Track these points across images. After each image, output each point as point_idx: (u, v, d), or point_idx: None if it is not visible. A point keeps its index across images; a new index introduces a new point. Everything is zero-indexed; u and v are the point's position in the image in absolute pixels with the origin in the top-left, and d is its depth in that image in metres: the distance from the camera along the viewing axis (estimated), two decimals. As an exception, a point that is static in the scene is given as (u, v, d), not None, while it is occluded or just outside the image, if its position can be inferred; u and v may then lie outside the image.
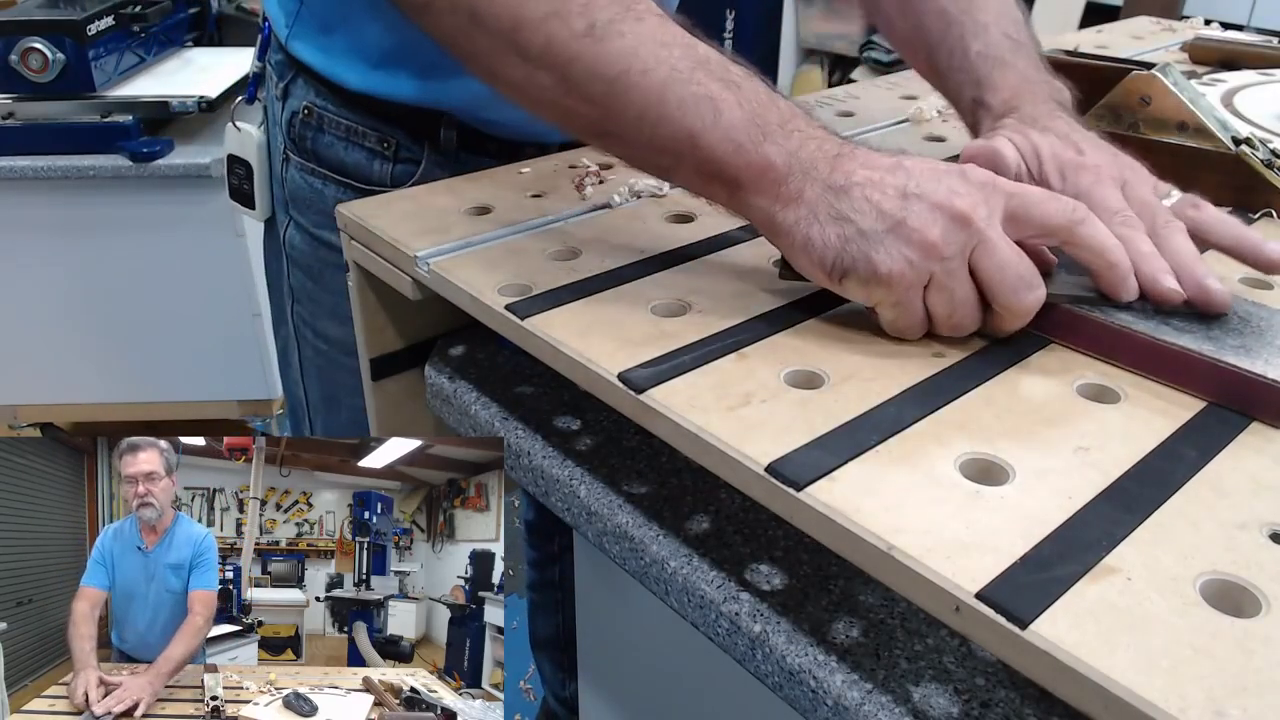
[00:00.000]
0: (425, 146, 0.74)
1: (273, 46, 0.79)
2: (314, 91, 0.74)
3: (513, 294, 0.52)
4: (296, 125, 0.76)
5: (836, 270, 0.45)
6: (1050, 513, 0.35)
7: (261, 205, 0.84)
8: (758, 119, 0.46)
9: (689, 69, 0.46)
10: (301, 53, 0.73)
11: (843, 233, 0.45)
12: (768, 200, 0.47)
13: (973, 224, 0.43)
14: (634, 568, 0.49)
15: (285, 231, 0.81)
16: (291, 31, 0.74)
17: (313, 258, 0.79)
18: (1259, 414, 0.41)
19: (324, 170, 0.76)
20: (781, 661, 0.42)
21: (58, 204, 1.49)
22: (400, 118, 0.73)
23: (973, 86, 0.60)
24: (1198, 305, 0.46)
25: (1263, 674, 0.29)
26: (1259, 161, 0.62)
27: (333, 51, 0.72)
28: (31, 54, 1.36)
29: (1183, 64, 0.99)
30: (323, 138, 0.75)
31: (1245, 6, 2.31)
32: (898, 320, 0.45)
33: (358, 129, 0.74)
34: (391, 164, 0.74)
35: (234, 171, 0.85)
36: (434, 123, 0.73)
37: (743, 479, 0.39)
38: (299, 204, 0.78)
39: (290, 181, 0.78)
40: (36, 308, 1.59)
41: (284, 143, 0.78)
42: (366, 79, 0.71)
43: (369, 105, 0.72)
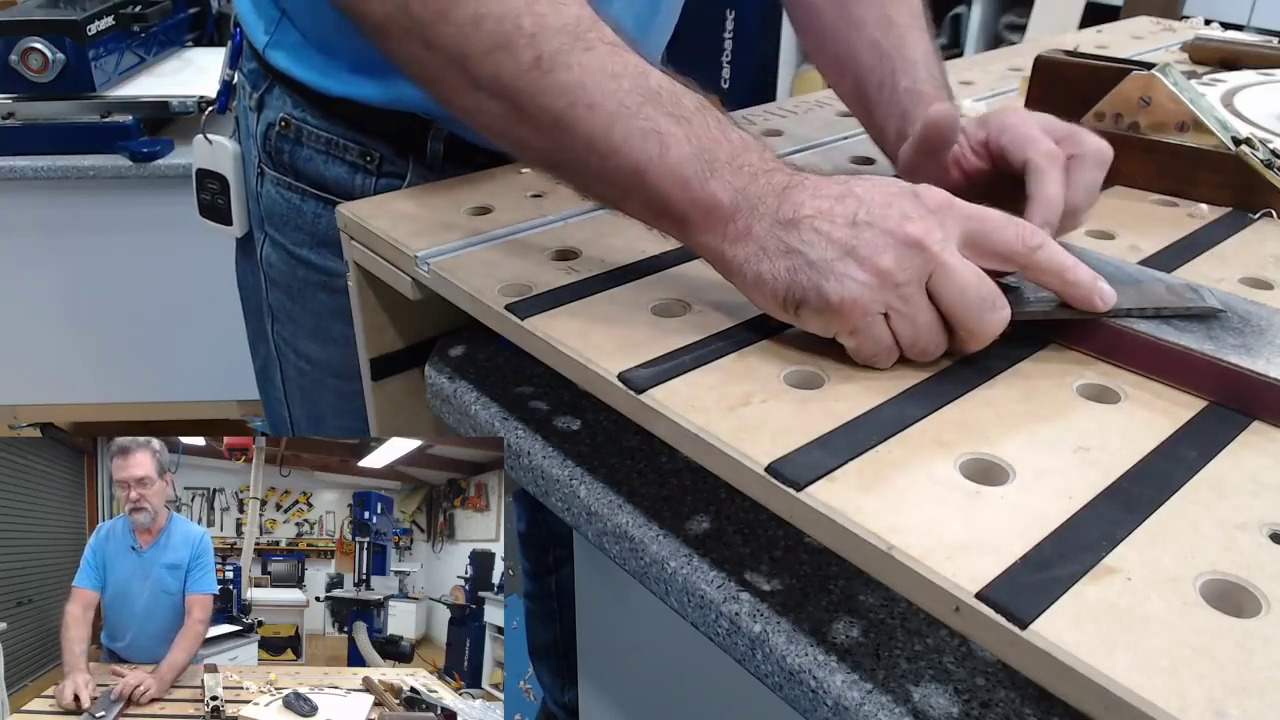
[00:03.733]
0: (410, 160, 0.72)
1: (245, 55, 0.76)
2: (291, 102, 0.72)
3: (513, 294, 0.52)
4: (273, 138, 0.73)
5: (790, 303, 0.44)
6: (1050, 513, 0.35)
7: (239, 221, 0.80)
8: (706, 154, 0.45)
9: (637, 103, 0.46)
10: (279, 61, 0.70)
11: (792, 265, 0.44)
12: (716, 238, 0.46)
13: (926, 249, 0.42)
14: (634, 568, 0.49)
15: (262, 249, 0.78)
16: (271, 40, 0.71)
17: (291, 277, 0.76)
18: (1260, 413, 0.41)
19: (302, 185, 0.73)
20: (781, 661, 0.42)
21: (58, 204, 1.49)
22: (385, 130, 0.71)
23: (898, 120, 0.61)
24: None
25: (1263, 674, 0.29)
26: (1259, 161, 0.62)
27: (314, 59, 0.69)
28: (31, 54, 1.36)
29: (1183, 64, 0.99)
30: (301, 151, 0.72)
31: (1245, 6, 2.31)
32: (860, 348, 0.44)
33: (339, 142, 0.71)
34: (375, 178, 0.72)
35: (205, 187, 0.81)
36: (420, 134, 0.71)
37: (743, 479, 0.39)
38: (275, 221, 0.75)
39: (266, 197, 0.75)
40: (36, 308, 1.59)
41: (259, 157, 0.75)
42: (348, 84, 0.68)
43: (351, 114, 0.70)
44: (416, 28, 0.48)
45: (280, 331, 0.80)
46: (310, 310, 0.76)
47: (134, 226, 1.52)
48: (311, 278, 0.75)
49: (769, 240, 0.45)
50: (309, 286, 0.76)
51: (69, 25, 1.36)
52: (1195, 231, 0.61)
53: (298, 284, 0.76)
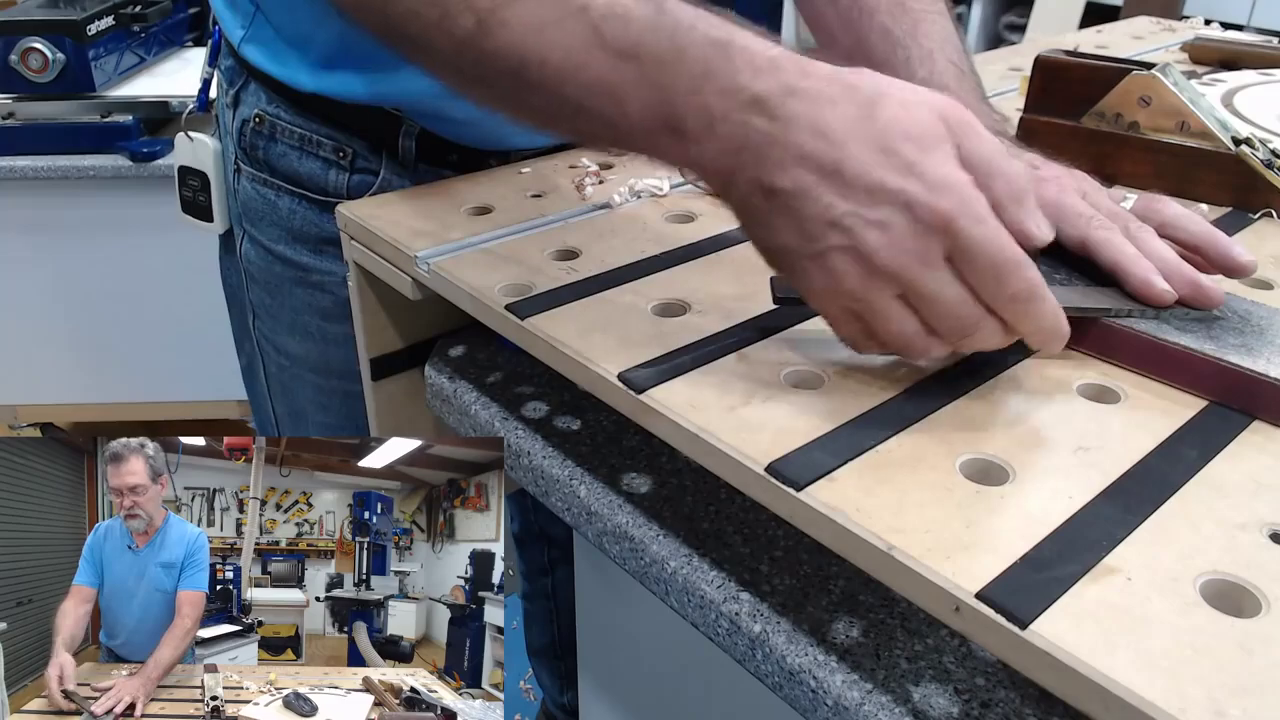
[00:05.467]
0: (383, 156, 0.71)
1: (223, 52, 0.76)
2: (265, 98, 0.72)
3: (513, 294, 0.52)
4: (248, 134, 0.73)
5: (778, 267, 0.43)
6: (1050, 513, 0.35)
7: (220, 218, 0.81)
8: (665, 97, 0.41)
9: (583, 48, 0.41)
10: (254, 57, 0.70)
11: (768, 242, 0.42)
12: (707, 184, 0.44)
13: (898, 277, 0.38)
14: (634, 568, 0.49)
15: (241, 246, 0.78)
16: (246, 35, 0.71)
17: (269, 273, 0.76)
18: (1261, 413, 0.41)
19: (277, 181, 0.73)
20: (781, 661, 0.42)
21: (58, 204, 1.49)
22: (357, 126, 0.70)
23: None
24: (1192, 303, 0.45)
25: (1263, 674, 0.29)
26: (1259, 161, 0.62)
27: (285, 54, 0.69)
28: (31, 54, 1.36)
29: (1183, 64, 0.99)
30: (275, 147, 0.72)
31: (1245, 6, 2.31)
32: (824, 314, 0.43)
33: (312, 138, 0.71)
34: (348, 174, 0.71)
35: (186, 184, 0.81)
36: (392, 131, 0.70)
37: (743, 479, 0.39)
38: (252, 217, 0.75)
39: (243, 193, 0.75)
40: (36, 308, 1.59)
41: (235, 153, 0.75)
42: (318, 80, 0.68)
43: (324, 110, 0.70)
44: (378, 6, 0.47)
45: (261, 327, 0.81)
46: (287, 305, 0.76)
47: (134, 226, 1.52)
48: (287, 274, 0.75)
49: (747, 205, 0.41)
50: (285, 282, 0.75)
51: (69, 25, 1.36)
52: (1195, 231, 0.61)
53: (275, 280, 0.76)
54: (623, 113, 0.42)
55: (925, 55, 0.60)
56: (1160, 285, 0.44)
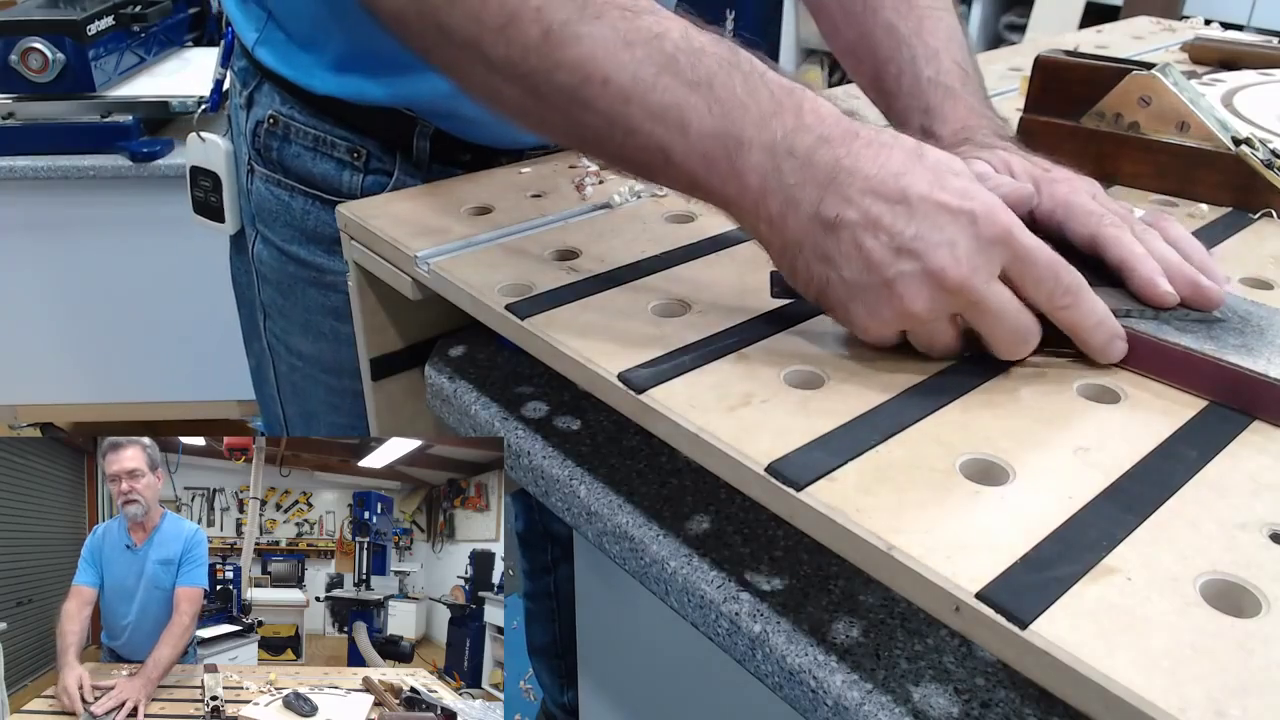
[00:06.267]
0: (397, 157, 0.72)
1: (236, 53, 0.76)
2: (279, 99, 0.72)
3: (513, 294, 0.52)
4: (262, 135, 0.73)
5: (815, 300, 0.45)
6: (1050, 513, 0.35)
7: (232, 218, 0.81)
8: (732, 126, 0.42)
9: (653, 74, 0.43)
10: (267, 59, 0.71)
11: (826, 276, 0.43)
12: (749, 218, 0.45)
13: (965, 292, 0.41)
14: (634, 568, 0.49)
15: (253, 246, 0.78)
16: (260, 38, 0.71)
17: (281, 273, 0.76)
18: (1261, 413, 0.41)
19: (290, 181, 0.73)
20: (781, 661, 0.42)
21: (58, 204, 1.49)
22: (371, 126, 0.71)
23: (921, 114, 0.58)
24: (1192, 303, 0.45)
25: (1263, 674, 0.29)
26: (1259, 161, 0.62)
27: (300, 57, 0.69)
28: (31, 54, 1.36)
29: (1183, 64, 0.99)
30: (289, 148, 0.72)
31: (1245, 6, 2.31)
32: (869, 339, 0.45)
33: (326, 138, 0.71)
34: (362, 175, 0.72)
35: (198, 184, 0.81)
36: (407, 131, 0.71)
37: (743, 479, 0.39)
38: (265, 217, 0.76)
39: (256, 194, 0.76)
40: (36, 308, 1.59)
41: (249, 154, 0.75)
42: (332, 83, 0.69)
43: (337, 111, 0.70)
44: (430, 12, 0.47)
45: (272, 328, 0.81)
46: (300, 306, 0.77)
47: (134, 226, 1.52)
48: (301, 274, 0.75)
49: (806, 239, 0.43)
50: (299, 283, 0.76)
51: (69, 25, 1.36)
52: (1195, 231, 0.61)
53: (288, 280, 0.76)
54: (683, 136, 0.43)
55: (931, 54, 0.59)
56: (1164, 286, 0.45)
